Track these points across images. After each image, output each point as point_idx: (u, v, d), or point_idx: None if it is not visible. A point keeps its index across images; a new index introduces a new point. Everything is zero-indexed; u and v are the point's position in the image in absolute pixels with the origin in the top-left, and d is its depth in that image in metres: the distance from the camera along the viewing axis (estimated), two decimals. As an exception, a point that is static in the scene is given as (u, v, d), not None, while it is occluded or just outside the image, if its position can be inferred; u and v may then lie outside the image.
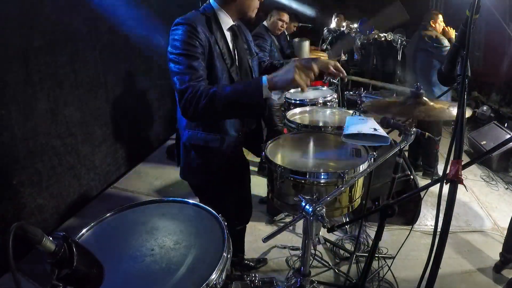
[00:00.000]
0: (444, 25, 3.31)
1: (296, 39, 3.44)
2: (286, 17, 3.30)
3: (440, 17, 3.32)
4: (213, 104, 1.23)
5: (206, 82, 1.32)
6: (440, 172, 3.44)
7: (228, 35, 1.49)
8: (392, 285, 2.10)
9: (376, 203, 2.53)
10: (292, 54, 3.64)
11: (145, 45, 3.68)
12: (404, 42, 4.02)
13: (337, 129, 1.84)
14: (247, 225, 2.01)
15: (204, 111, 1.25)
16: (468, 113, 1.27)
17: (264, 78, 1.21)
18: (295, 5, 5.73)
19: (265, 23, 3.31)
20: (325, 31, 5.48)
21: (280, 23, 3.26)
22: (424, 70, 3.28)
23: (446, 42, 3.11)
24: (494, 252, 2.39)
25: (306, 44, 3.36)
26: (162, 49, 1.60)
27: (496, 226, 2.76)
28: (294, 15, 3.94)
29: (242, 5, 1.44)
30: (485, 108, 4.77)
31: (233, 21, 1.50)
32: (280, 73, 1.24)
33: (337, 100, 2.73)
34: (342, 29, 5.45)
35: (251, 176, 1.94)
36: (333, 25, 5.49)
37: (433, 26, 3.27)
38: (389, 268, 2.09)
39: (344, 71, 1.66)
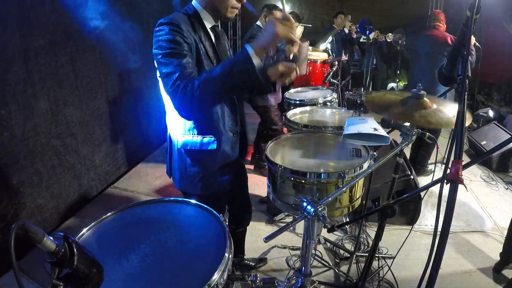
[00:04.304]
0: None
1: None
2: (279, 14, 3.27)
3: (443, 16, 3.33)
4: (208, 88, 1.19)
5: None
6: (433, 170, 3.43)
7: (211, 34, 1.47)
8: (392, 285, 2.09)
9: (376, 203, 2.53)
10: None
11: (145, 44, 3.68)
12: (403, 43, 4.03)
13: (337, 129, 1.84)
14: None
15: (202, 99, 1.21)
16: (468, 117, 1.22)
17: (247, 45, 1.19)
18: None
19: (258, 23, 3.24)
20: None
21: None
22: (435, 71, 3.25)
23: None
24: (494, 252, 2.39)
25: (305, 45, 3.33)
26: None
27: (496, 226, 2.76)
28: (295, 15, 3.92)
29: (215, 2, 1.40)
30: (485, 109, 4.77)
31: (215, 22, 1.49)
32: (262, 34, 1.21)
33: (337, 100, 2.73)
34: (345, 29, 5.45)
35: (249, 176, 1.93)
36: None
37: (442, 26, 3.26)
38: (389, 268, 2.09)
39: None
